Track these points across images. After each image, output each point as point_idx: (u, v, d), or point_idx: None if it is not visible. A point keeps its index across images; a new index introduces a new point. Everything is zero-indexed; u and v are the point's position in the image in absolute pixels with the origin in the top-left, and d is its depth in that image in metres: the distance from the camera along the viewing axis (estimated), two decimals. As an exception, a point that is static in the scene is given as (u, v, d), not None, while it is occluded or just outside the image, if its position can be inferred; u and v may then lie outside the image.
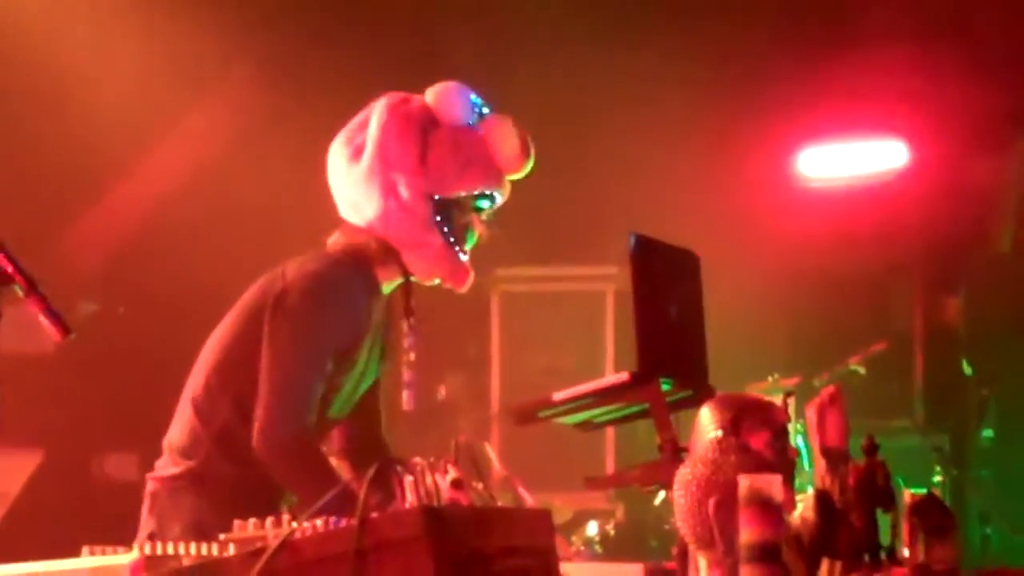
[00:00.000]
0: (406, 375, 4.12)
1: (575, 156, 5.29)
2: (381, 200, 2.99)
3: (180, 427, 2.98)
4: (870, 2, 6.01)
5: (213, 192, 5.20)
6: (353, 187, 3.04)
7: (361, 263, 3.02)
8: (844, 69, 5.18)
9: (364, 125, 3.04)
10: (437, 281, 3.08)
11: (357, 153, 3.04)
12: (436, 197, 2.99)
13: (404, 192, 2.99)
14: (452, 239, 3.01)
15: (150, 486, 3.00)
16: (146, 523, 2.97)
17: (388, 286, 3.04)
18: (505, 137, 3.02)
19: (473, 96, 3.05)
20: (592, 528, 4.40)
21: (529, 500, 3.86)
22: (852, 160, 5.40)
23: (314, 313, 2.95)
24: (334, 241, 3.06)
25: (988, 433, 5.46)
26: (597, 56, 5.32)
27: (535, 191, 3.35)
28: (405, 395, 4.09)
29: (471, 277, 3.10)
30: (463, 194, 3.02)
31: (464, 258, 3.07)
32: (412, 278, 3.04)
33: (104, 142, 4.94)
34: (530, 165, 3.02)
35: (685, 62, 5.19)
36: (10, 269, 2.06)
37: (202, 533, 2.42)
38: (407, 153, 2.97)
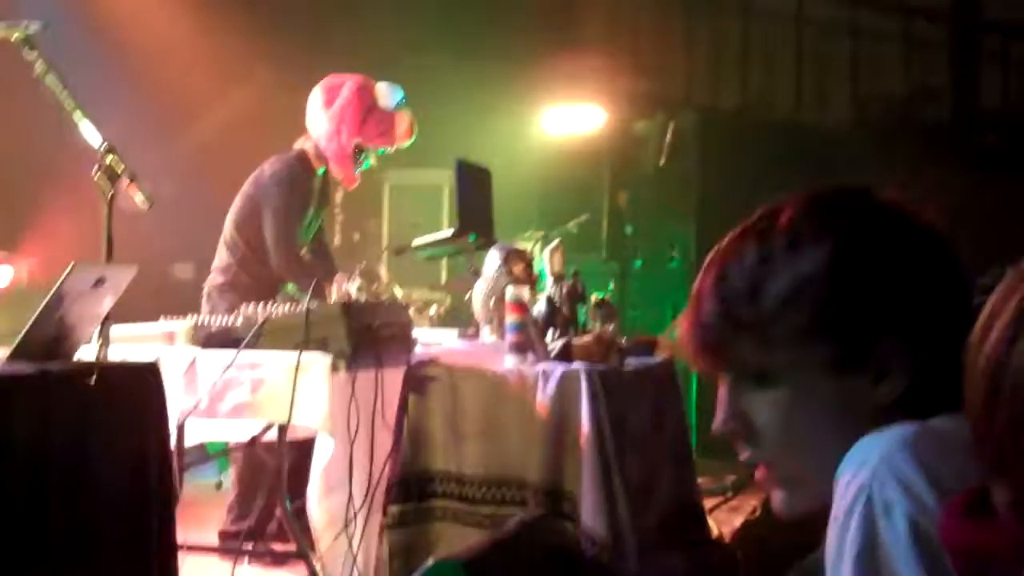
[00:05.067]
0: (336, 227, 6.71)
1: (430, 104, 7.54)
2: (329, 134, 4.38)
3: (219, 257, 4.45)
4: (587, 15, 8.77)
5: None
6: (317, 118, 4.40)
7: (304, 160, 4.42)
8: (570, 61, 7.52)
9: (338, 88, 4.41)
10: (340, 177, 4.50)
11: (329, 103, 4.39)
12: (357, 142, 4.41)
13: (344, 137, 4.37)
14: (356, 163, 4.43)
15: (205, 288, 4.47)
16: (203, 308, 4.39)
17: (321, 171, 4.44)
18: (404, 126, 4.44)
19: (400, 94, 4.47)
20: (433, 309, 4.83)
21: (399, 296, 4.50)
22: (575, 118, 7.30)
23: (284, 189, 4.34)
24: (299, 143, 4.45)
25: (638, 263, 7.49)
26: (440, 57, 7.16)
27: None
28: (336, 238, 6.75)
29: (357, 182, 4.52)
30: (372, 147, 4.44)
31: (358, 172, 4.47)
32: (325, 172, 4.45)
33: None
34: (412, 141, 4.51)
35: (488, 61, 7.30)
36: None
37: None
38: (354, 119, 4.37)
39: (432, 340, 4.03)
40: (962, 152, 8.15)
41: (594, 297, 4.03)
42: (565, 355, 3.48)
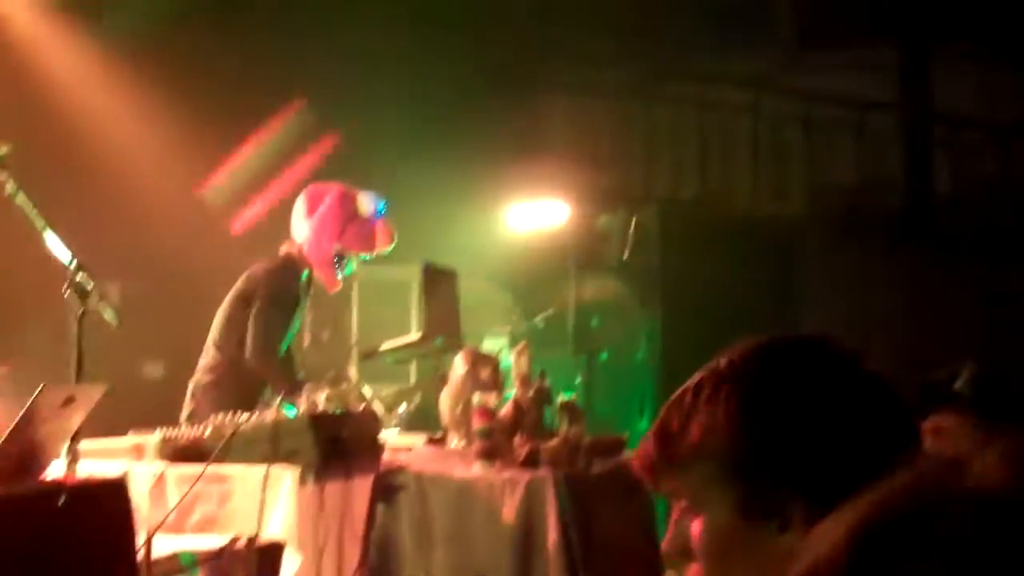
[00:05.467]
0: (308, 325, 6.72)
1: (397, 203, 7.47)
2: (311, 240, 4.50)
3: (206, 355, 4.46)
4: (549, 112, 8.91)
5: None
6: (300, 225, 4.53)
7: (292, 263, 4.53)
8: (533, 158, 7.75)
9: (321, 196, 4.52)
10: (323, 281, 4.57)
11: (311, 211, 4.52)
12: (338, 248, 4.53)
13: (325, 244, 4.50)
14: (337, 267, 4.55)
15: (191, 387, 4.44)
16: (187, 406, 4.41)
17: (304, 275, 4.49)
18: (384, 234, 4.57)
19: (381, 203, 4.59)
20: (403, 407, 4.92)
21: (369, 395, 4.47)
22: (539, 213, 7.10)
23: (276, 287, 4.43)
24: (284, 247, 4.54)
25: (604, 356, 7.25)
26: (408, 157, 7.18)
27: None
28: (306, 336, 6.78)
29: (339, 287, 4.61)
30: (353, 253, 4.56)
31: (340, 277, 4.58)
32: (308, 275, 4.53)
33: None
34: (392, 248, 4.59)
35: (454, 160, 7.40)
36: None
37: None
38: (335, 226, 4.49)
39: (400, 445, 4.04)
40: (918, 239, 8.33)
41: (560, 398, 4.07)
42: (532, 461, 3.52)
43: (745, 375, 1.18)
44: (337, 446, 3.36)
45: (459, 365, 4.01)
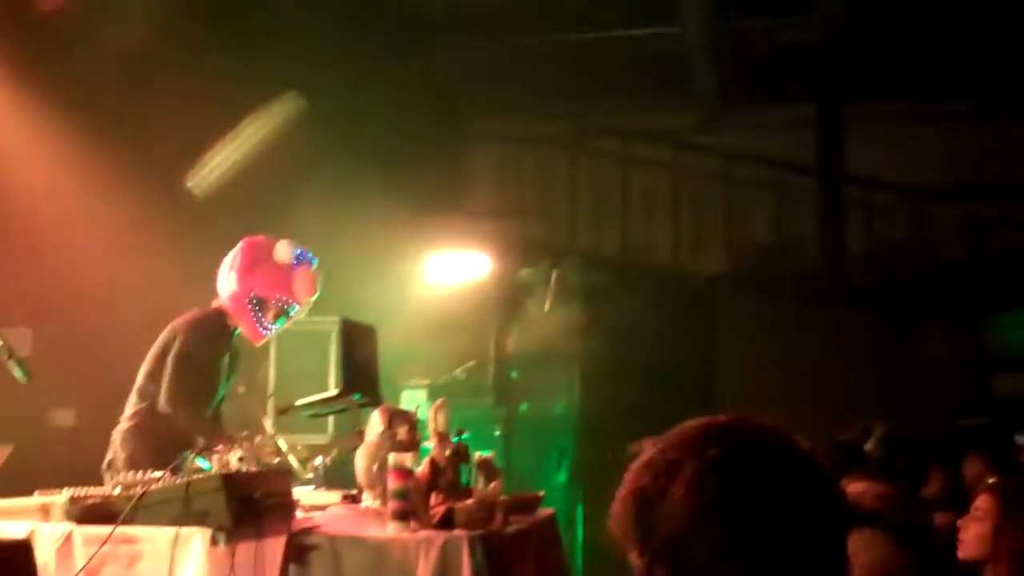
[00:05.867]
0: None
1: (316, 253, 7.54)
2: (227, 287, 4.50)
3: (129, 403, 4.42)
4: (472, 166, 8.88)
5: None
6: (224, 281, 4.51)
7: (223, 316, 4.51)
8: (456, 211, 8.06)
9: (239, 247, 4.48)
10: (246, 333, 4.53)
11: (231, 268, 4.53)
12: (253, 294, 4.47)
13: (236, 287, 4.46)
14: (259, 318, 4.47)
15: (113, 434, 4.38)
16: (108, 453, 4.34)
17: (236, 332, 4.48)
18: (305, 282, 4.51)
19: (299, 250, 4.53)
20: (318, 460, 4.78)
21: (284, 447, 4.44)
22: (461, 265, 7.45)
23: (198, 336, 4.41)
24: (215, 302, 4.50)
25: (524, 407, 7.43)
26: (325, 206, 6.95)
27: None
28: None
29: (265, 340, 4.58)
30: (270, 300, 4.48)
31: (265, 332, 4.50)
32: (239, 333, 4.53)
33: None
34: (314, 298, 4.52)
35: (374, 210, 7.07)
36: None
37: (134, 463, 3.72)
38: (241, 268, 4.47)
39: (315, 503, 4.00)
40: (829, 296, 8.52)
41: (477, 455, 4.05)
42: (447, 521, 3.51)
43: (726, 470, 1.25)
44: (249, 506, 3.27)
45: (376, 423, 3.92)
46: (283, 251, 4.50)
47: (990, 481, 2.95)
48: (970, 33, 8.62)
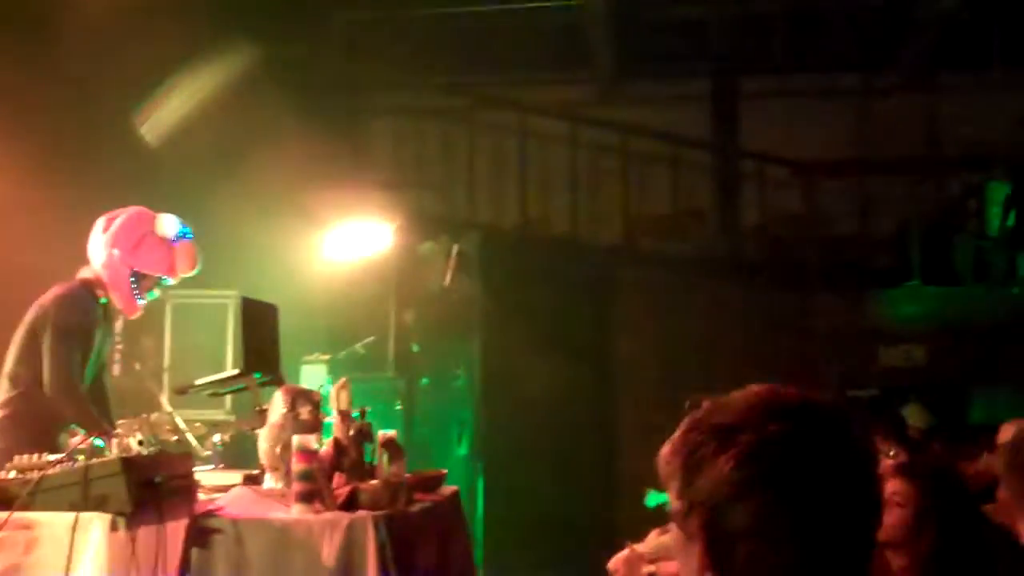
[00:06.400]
0: (116, 356, 6.50)
1: (214, 226, 6.81)
2: (106, 259, 4.37)
3: (0, 390, 4.29)
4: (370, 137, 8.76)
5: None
6: (96, 245, 4.37)
7: (88, 287, 4.38)
8: (356, 182, 7.80)
9: (117, 215, 4.42)
10: (121, 305, 4.43)
11: (106, 229, 4.39)
12: (135, 268, 4.40)
13: (118, 262, 4.36)
14: (136, 291, 4.41)
15: None
16: None
17: (103, 300, 4.37)
18: (186, 257, 4.46)
19: (182, 226, 4.46)
20: (216, 437, 4.80)
21: (182, 425, 4.62)
22: (361, 239, 7.15)
23: (66, 312, 4.27)
24: (81, 272, 4.38)
25: (425, 381, 7.45)
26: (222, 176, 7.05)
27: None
28: (116, 367, 6.54)
29: (140, 311, 4.45)
30: (152, 275, 4.43)
31: (141, 302, 4.42)
32: (108, 301, 4.40)
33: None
34: (195, 272, 4.49)
35: (272, 181, 7.04)
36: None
37: (7, 454, 3.39)
38: (127, 243, 4.37)
39: (216, 484, 3.95)
40: (725, 267, 8.69)
41: (381, 435, 4.05)
42: (352, 503, 3.50)
43: (780, 450, 1.27)
44: (150, 490, 3.20)
45: (278, 403, 3.85)
46: (167, 225, 4.44)
47: (898, 462, 3.00)
48: (857, 10, 8.83)
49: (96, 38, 6.22)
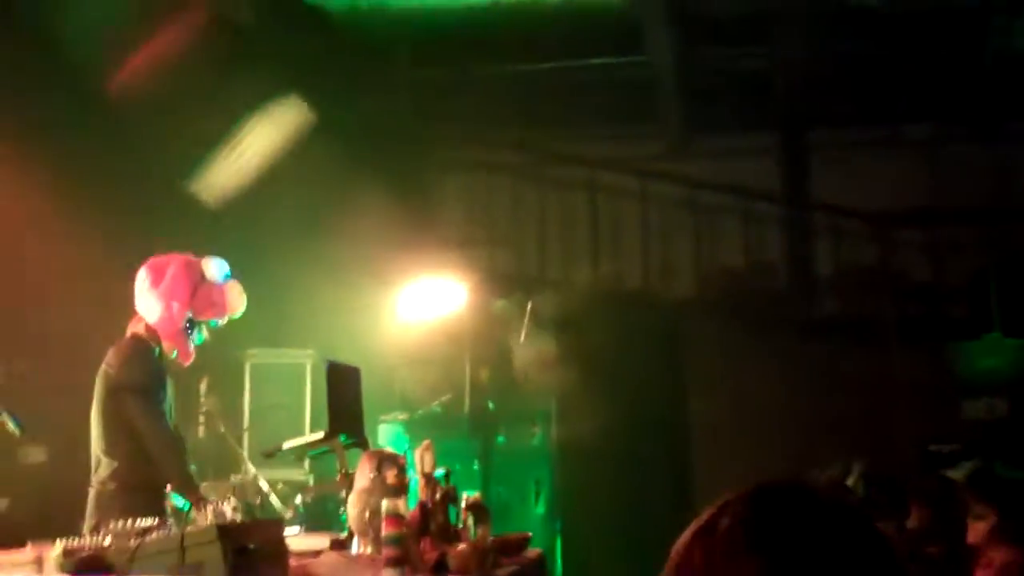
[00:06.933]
0: (199, 417, 6.34)
1: (290, 286, 7.26)
2: (160, 312, 4.40)
3: (101, 464, 4.32)
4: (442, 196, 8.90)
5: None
6: (146, 299, 4.41)
7: (143, 341, 4.42)
8: (428, 241, 8.08)
9: (164, 267, 4.42)
10: (175, 354, 4.46)
11: (156, 282, 4.41)
12: (189, 316, 4.46)
13: (175, 313, 4.40)
14: (190, 337, 4.46)
15: (92, 497, 4.30)
16: (91, 517, 4.25)
17: (157, 351, 4.44)
18: (235, 296, 4.52)
19: (226, 267, 4.53)
20: (298, 499, 5.09)
21: (265, 488, 4.83)
22: (435, 297, 7.16)
23: (137, 369, 4.34)
24: (132, 327, 4.43)
25: (501, 439, 7.32)
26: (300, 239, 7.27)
27: (268, 308, 5.61)
28: (200, 428, 6.32)
29: (192, 357, 4.49)
30: (204, 321, 4.49)
31: (193, 352, 4.48)
32: (161, 352, 4.47)
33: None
34: (243, 309, 4.54)
35: (346, 242, 7.31)
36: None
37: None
38: (184, 294, 4.41)
39: (304, 548, 3.98)
40: (797, 321, 8.60)
41: (466, 497, 4.05)
42: (441, 567, 3.52)
43: (758, 536, 1.24)
44: (245, 556, 3.24)
45: (365, 469, 3.89)
46: (214, 270, 4.48)
47: (992, 525, 2.91)
48: (925, 60, 8.76)
49: (163, 102, 6.37)
